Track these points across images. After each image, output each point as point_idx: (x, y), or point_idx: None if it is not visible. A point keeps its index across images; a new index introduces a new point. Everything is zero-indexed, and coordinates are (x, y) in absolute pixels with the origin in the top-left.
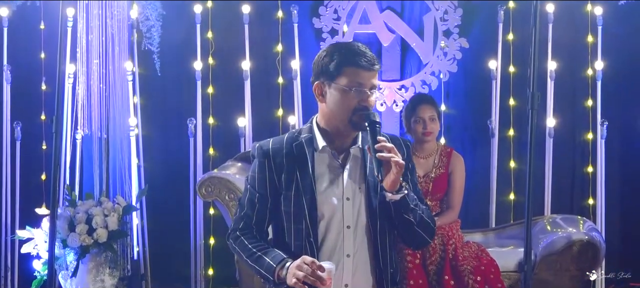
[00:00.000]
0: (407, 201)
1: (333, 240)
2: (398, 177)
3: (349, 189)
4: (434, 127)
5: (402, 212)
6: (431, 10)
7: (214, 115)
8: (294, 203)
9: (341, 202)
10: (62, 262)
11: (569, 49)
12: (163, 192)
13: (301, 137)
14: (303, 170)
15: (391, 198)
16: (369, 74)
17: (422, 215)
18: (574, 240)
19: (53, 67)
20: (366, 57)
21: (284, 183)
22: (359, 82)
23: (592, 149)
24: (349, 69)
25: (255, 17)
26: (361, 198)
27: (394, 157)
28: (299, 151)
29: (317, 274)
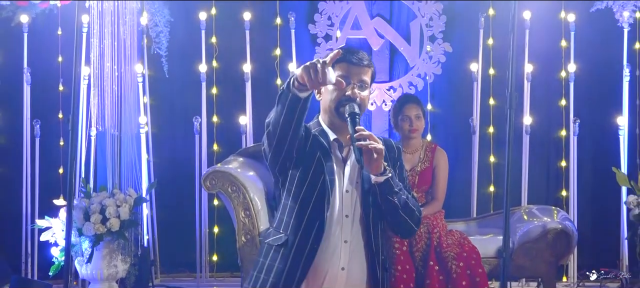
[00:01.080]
0: (391, 184)
1: (334, 227)
2: (379, 160)
3: (348, 182)
4: (419, 124)
5: (386, 194)
6: (417, 17)
7: (217, 114)
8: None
9: (341, 193)
10: (78, 249)
11: (544, 53)
12: (170, 184)
13: (313, 132)
14: (326, 157)
15: (376, 180)
16: (356, 69)
17: (406, 200)
18: (549, 228)
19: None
20: (355, 54)
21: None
22: (345, 75)
23: (566, 145)
24: (339, 64)
25: (255, 24)
26: (358, 190)
27: (372, 143)
28: (319, 141)
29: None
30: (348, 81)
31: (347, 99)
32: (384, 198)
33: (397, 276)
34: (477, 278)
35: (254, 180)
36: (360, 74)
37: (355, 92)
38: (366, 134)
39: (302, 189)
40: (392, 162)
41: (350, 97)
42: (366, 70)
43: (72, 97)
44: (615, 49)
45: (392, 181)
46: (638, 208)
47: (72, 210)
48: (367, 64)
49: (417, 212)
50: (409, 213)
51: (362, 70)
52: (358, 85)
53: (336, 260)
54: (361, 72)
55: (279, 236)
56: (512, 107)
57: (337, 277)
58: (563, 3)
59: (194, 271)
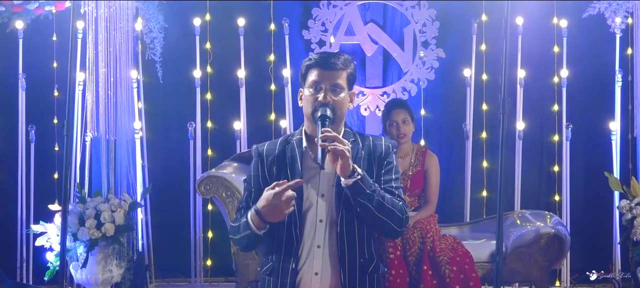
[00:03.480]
0: (362, 186)
1: (307, 232)
2: (345, 162)
3: (324, 186)
4: (407, 129)
5: (356, 196)
6: (411, 23)
7: (211, 119)
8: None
9: (316, 198)
10: (73, 253)
11: (536, 59)
12: (165, 189)
13: (293, 139)
14: (293, 167)
15: (344, 182)
16: (327, 72)
17: (381, 201)
18: (542, 233)
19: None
20: (328, 59)
21: (273, 179)
22: (315, 80)
23: (558, 150)
24: (312, 70)
25: (249, 30)
26: (333, 194)
27: (334, 145)
28: (290, 151)
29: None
30: (319, 87)
31: (320, 104)
32: (356, 200)
33: (391, 280)
34: (470, 283)
35: None
36: (333, 78)
37: (329, 97)
38: (330, 136)
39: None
40: (377, 161)
41: (323, 102)
42: (339, 73)
43: (67, 103)
44: (608, 55)
45: (363, 183)
46: (630, 213)
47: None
48: (341, 67)
49: (397, 212)
50: (387, 214)
51: (334, 74)
52: (331, 90)
53: (309, 264)
54: (334, 76)
55: (268, 265)
56: (504, 112)
57: (311, 281)
58: (555, 9)
59: (188, 276)
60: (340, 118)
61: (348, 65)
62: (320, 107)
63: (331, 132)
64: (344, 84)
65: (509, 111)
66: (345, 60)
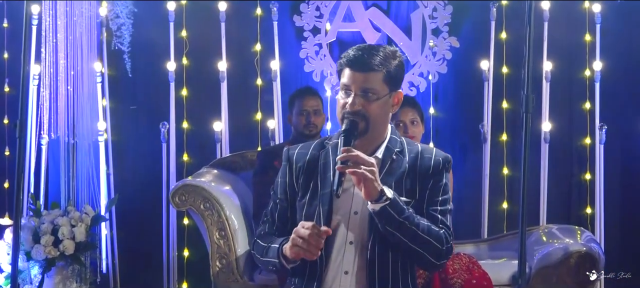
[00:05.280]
0: (390, 212)
1: (334, 254)
2: (369, 186)
3: (359, 203)
4: (415, 130)
5: (385, 224)
6: (419, 7)
7: (188, 119)
8: (306, 212)
9: (348, 215)
10: (26, 275)
11: (565, 49)
12: (134, 200)
13: (330, 144)
14: (324, 177)
15: (371, 207)
16: (358, 75)
17: (415, 231)
18: (571, 251)
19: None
20: (359, 56)
21: (301, 189)
22: (345, 83)
23: (590, 155)
24: (344, 69)
25: (232, 15)
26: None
27: (355, 170)
28: (324, 158)
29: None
30: (349, 91)
31: (348, 113)
32: (384, 229)
33: None
34: None
35: (230, 196)
36: (365, 81)
37: (358, 104)
38: (351, 156)
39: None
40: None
41: (351, 111)
42: (373, 75)
43: (20, 100)
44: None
45: (393, 209)
46: None
47: (19, 231)
48: (376, 68)
49: (436, 243)
50: (422, 245)
51: (367, 77)
52: (361, 95)
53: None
54: (366, 79)
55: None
56: (528, 111)
57: None
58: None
59: None
60: (377, 126)
61: (387, 63)
62: (347, 117)
63: (352, 152)
64: (380, 87)
65: (533, 110)
66: (385, 57)
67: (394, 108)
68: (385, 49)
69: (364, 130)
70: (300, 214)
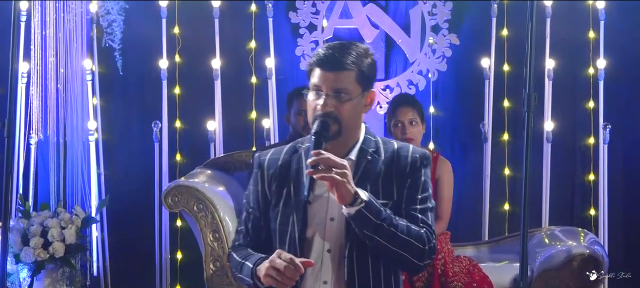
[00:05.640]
0: (366, 215)
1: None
2: (342, 189)
3: (334, 208)
4: (414, 131)
5: (361, 228)
6: (418, 3)
7: (181, 118)
8: (280, 221)
9: (324, 222)
10: (14, 279)
11: (568, 46)
12: (125, 202)
13: (302, 148)
14: (297, 183)
15: (346, 212)
16: (329, 74)
17: (394, 232)
18: (574, 254)
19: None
20: (330, 55)
21: (274, 197)
22: (316, 83)
23: (594, 155)
24: (314, 69)
25: (226, 11)
26: (344, 219)
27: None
28: (297, 163)
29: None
30: (319, 92)
31: (319, 115)
32: (361, 233)
33: None
34: None
35: (224, 197)
36: (336, 81)
37: (329, 105)
38: (321, 159)
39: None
40: (399, 177)
41: (322, 113)
42: (345, 75)
43: (8, 99)
44: None
45: (369, 211)
46: None
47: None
48: (347, 66)
49: (417, 243)
50: (402, 246)
51: (338, 76)
52: (333, 96)
53: None
54: (337, 79)
55: None
56: (530, 110)
57: None
58: None
59: None
60: (350, 128)
61: (360, 62)
62: (318, 119)
63: (323, 154)
64: (353, 87)
65: (535, 109)
66: (357, 56)
67: (366, 108)
68: (358, 47)
69: (337, 133)
70: (274, 223)
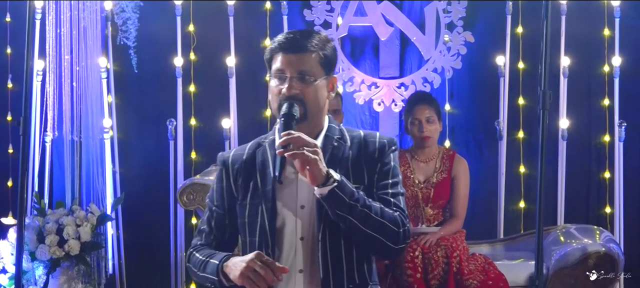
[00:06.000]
0: (339, 195)
1: (286, 253)
2: (314, 168)
3: (304, 195)
4: (431, 129)
5: (335, 208)
6: (433, 1)
7: (196, 115)
8: (249, 212)
9: (295, 210)
10: (30, 276)
11: (583, 44)
12: (140, 199)
13: (266, 141)
14: (264, 174)
15: (318, 192)
16: (293, 57)
17: (367, 213)
18: (590, 252)
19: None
20: (291, 39)
21: (240, 191)
22: (279, 67)
23: (609, 153)
24: (275, 55)
25: (241, 9)
26: (314, 205)
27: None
28: (262, 155)
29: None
30: (283, 76)
31: (285, 98)
32: (335, 214)
33: None
34: None
35: None
36: (301, 63)
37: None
38: (291, 138)
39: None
40: (368, 162)
41: (288, 96)
42: (308, 56)
43: (23, 96)
44: None
45: (342, 191)
46: None
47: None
48: (310, 48)
49: (391, 225)
50: (376, 228)
51: (302, 58)
52: (298, 78)
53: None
54: (301, 61)
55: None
56: (545, 108)
57: None
58: None
59: None
60: (316, 112)
61: (322, 46)
62: (284, 101)
63: (293, 134)
64: (317, 70)
65: (550, 106)
66: (319, 40)
67: (330, 94)
68: (319, 33)
69: (303, 116)
70: (242, 217)
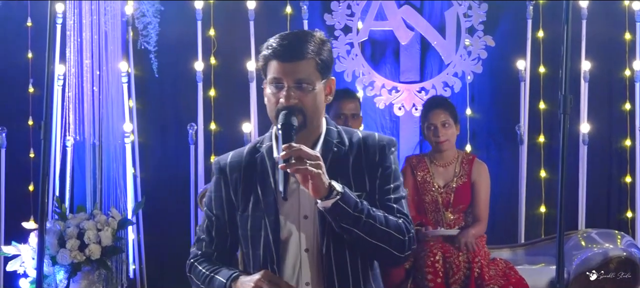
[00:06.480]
0: (343, 208)
1: (290, 266)
2: (316, 182)
3: (306, 205)
4: (447, 133)
5: (339, 221)
6: (454, 5)
7: (216, 120)
8: (252, 225)
9: (297, 221)
10: (51, 280)
11: (604, 48)
12: (161, 204)
13: (262, 147)
14: (265, 185)
15: (321, 205)
16: (288, 65)
17: (372, 224)
18: (611, 256)
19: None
20: (286, 46)
21: (241, 202)
22: (275, 76)
23: (631, 157)
24: (270, 62)
25: (261, 13)
26: (318, 215)
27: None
28: (261, 164)
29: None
30: (280, 85)
31: (283, 107)
32: (339, 226)
33: None
34: None
35: None
36: (297, 72)
37: (293, 97)
38: (293, 152)
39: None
40: (369, 167)
41: (285, 106)
42: (305, 64)
43: (44, 100)
44: None
45: (345, 203)
46: None
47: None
48: (307, 55)
49: (396, 234)
50: (382, 238)
51: (298, 66)
52: (295, 86)
53: None
54: (298, 69)
55: None
56: (566, 112)
57: None
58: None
59: None
60: (314, 119)
61: (319, 50)
62: (282, 112)
63: (294, 146)
64: (314, 77)
65: (571, 111)
66: (315, 45)
67: (327, 98)
68: (314, 35)
69: (302, 125)
70: (244, 229)
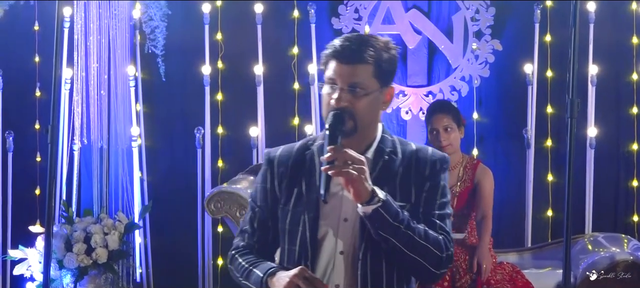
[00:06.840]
0: (383, 215)
1: (323, 266)
2: (359, 186)
3: (348, 208)
4: (449, 138)
5: (377, 228)
6: (461, 9)
7: (223, 124)
8: (291, 220)
9: (337, 222)
10: (58, 284)
11: (611, 52)
12: (168, 208)
13: (314, 146)
14: (310, 182)
15: (362, 211)
16: (345, 67)
17: (411, 236)
18: (618, 260)
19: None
20: (347, 47)
21: (284, 195)
22: (331, 76)
23: (638, 161)
24: (330, 61)
25: (268, 17)
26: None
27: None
28: (309, 160)
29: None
30: (334, 86)
31: (333, 110)
32: (377, 234)
33: None
34: None
35: None
36: (353, 75)
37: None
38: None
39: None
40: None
41: (336, 108)
42: (362, 68)
43: (51, 104)
44: None
45: (386, 211)
46: None
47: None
48: (365, 59)
49: (435, 250)
50: (419, 252)
51: (354, 70)
52: (349, 90)
53: None
54: (354, 72)
55: None
56: (573, 116)
57: None
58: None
59: None
60: (367, 125)
61: (378, 56)
62: (332, 113)
63: (339, 150)
64: (370, 82)
65: (578, 114)
66: (375, 49)
67: (384, 106)
68: (377, 40)
69: (352, 130)
70: (283, 223)
